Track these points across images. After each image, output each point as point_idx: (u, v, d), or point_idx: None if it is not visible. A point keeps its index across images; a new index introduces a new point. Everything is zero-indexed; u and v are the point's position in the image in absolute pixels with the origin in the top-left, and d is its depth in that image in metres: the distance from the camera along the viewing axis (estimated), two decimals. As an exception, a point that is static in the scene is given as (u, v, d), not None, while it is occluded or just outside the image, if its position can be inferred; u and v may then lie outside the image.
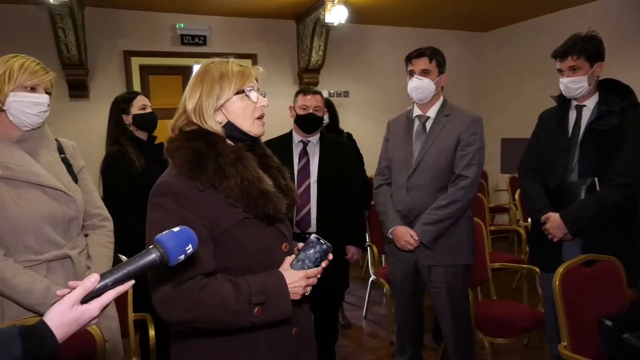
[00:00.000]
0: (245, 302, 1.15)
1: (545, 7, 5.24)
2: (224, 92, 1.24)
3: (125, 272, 0.86)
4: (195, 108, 1.24)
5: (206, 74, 1.26)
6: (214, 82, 1.24)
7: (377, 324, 3.74)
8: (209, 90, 1.24)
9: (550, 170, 2.27)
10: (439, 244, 2.28)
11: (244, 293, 1.16)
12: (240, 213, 1.21)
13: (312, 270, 1.25)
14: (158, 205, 1.18)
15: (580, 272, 1.99)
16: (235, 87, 1.24)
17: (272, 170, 1.35)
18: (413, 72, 2.33)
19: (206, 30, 5.13)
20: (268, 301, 1.18)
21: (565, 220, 2.16)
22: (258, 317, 1.17)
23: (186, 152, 1.20)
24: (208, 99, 1.24)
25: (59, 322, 0.81)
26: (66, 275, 1.55)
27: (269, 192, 1.24)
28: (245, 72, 1.27)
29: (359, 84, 5.87)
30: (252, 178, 1.22)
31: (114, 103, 2.48)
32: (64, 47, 4.34)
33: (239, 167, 1.21)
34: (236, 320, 1.17)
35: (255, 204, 1.21)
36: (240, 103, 1.26)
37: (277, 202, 1.25)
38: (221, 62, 1.28)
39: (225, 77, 1.24)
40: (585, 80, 2.15)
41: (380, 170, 2.55)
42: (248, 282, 1.18)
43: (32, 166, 1.52)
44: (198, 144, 1.21)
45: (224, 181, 1.19)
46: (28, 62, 1.52)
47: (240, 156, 1.24)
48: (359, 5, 4.87)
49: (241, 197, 1.19)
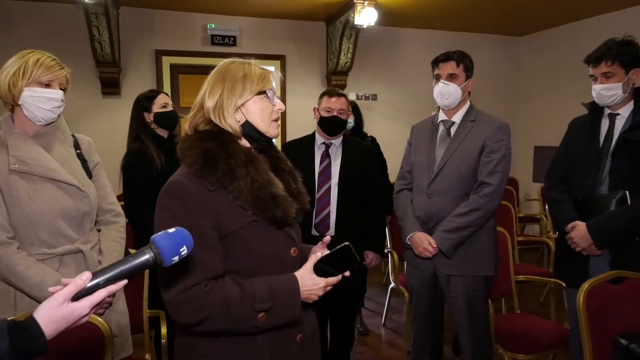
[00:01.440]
0: (249, 309, 1.15)
1: (585, 11, 5.05)
2: (245, 92, 1.25)
3: (117, 272, 0.85)
4: (215, 106, 1.25)
5: (228, 73, 1.26)
6: (236, 81, 1.25)
7: (396, 332, 3.68)
8: (231, 89, 1.24)
9: (578, 181, 2.17)
10: (459, 253, 2.22)
11: (249, 299, 1.15)
12: (249, 215, 1.20)
13: (333, 278, 1.24)
14: (166, 206, 1.19)
15: (608, 289, 1.89)
16: (258, 87, 1.25)
17: (284, 173, 1.34)
18: (439, 77, 2.28)
19: (236, 31, 5.19)
20: (274, 307, 1.17)
21: (590, 229, 2.06)
22: (263, 322, 1.17)
23: (197, 152, 1.20)
24: (230, 97, 1.24)
25: (49, 318, 0.81)
26: (78, 269, 1.57)
27: (279, 196, 1.23)
28: (266, 75, 1.29)
29: (387, 88, 5.81)
30: (262, 180, 1.21)
31: (136, 101, 2.52)
32: (98, 46, 4.47)
33: (249, 169, 1.21)
34: (240, 326, 1.17)
35: (264, 207, 1.20)
36: (260, 103, 1.26)
37: (286, 206, 1.24)
38: (243, 63, 1.29)
39: (248, 78, 1.26)
40: (620, 87, 2.05)
41: (401, 174, 2.50)
42: (255, 288, 1.17)
43: (48, 161, 1.55)
44: (210, 144, 1.21)
45: (234, 182, 1.18)
46: (44, 57, 1.55)
47: (252, 158, 1.24)
48: (389, 7, 4.82)
49: (250, 199, 1.19)
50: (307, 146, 2.61)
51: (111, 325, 1.59)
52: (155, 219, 1.20)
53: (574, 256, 2.16)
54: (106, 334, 1.56)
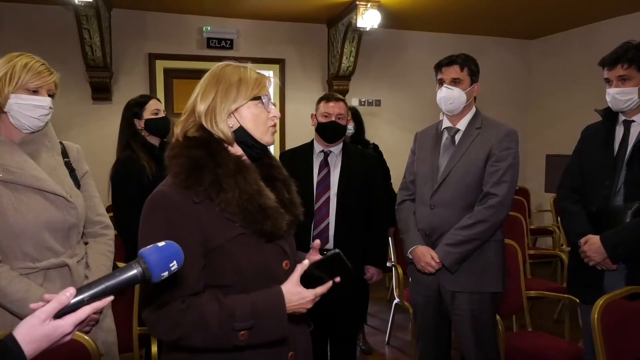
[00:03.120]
0: (227, 328, 1.15)
1: (600, 13, 5.06)
2: (240, 97, 1.25)
3: (103, 287, 0.85)
4: (207, 110, 1.25)
5: (222, 77, 1.27)
6: (231, 85, 1.25)
7: (401, 350, 3.66)
8: (225, 93, 1.25)
9: (592, 192, 2.17)
10: (464, 268, 2.20)
11: (228, 317, 1.15)
12: (236, 228, 1.20)
13: (321, 288, 1.22)
14: (149, 218, 1.19)
15: (624, 306, 1.88)
16: (253, 92, 1.26)
17: (277, 182, 1.34)
18: (443, 81, 2.29)
19: (233, 34, 5.22)
20: (257, 325, 1.16)
21: (605, 243, 2.05)
22: (244, 341, 1.17)
23: (182, 161, 1.20)
24: (223, 101, 1.25)
25: (29, 337, 0.81)
26: (63, 284, 1.56)
27: (269, 207, 1.23)
28: (262, 81, 1.29)
29: (391, 93, 5.82)
30: (252, 192, 1.21)
31: (126, 107, 2.53)
32: (88, 49, 4.50)
33: (238, 179, 1.21)
34: (220, 343, 1.17)
35: (252, 219, 1.20)
36: (254, 109, 1.27)
37: (277, 218, 1.23)
38: (238, 66, 1.30)
39: (243, 82, 1.26)
40: (636, 92, 2.06)
41: (404, 184, 2.50)
42: (235, 305, 1.16)
43: (34, 170, 1.55)
44: (197, 153, 1.21)
45: (221, 193, 1.18)
46: (32, 62, 1.55)
47: (241, 167, 1.23)
48: (393, 9, 4.85)
49: (238, 211, 1.19)
50: (305, 155, 2.61)
51: (98, 344, 1.58)
52: (139, 232, 1.20)
53: (587, 271, 2.15)
54: (92, 352, 1.55)
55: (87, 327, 1.62)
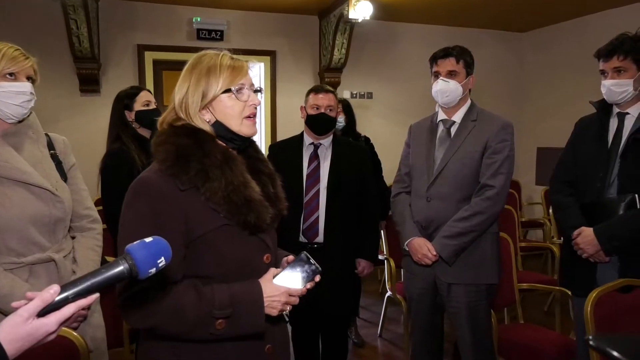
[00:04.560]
0: (205, 315, 1.14)
1: (592, 5, 5.07)
2: (210, 89, 1.22)
3: (88, 285, 0.82)
4: (181, 103, 1.24)
5: (195, 67, 1.25)
6: (200, 77, 1.23)
7: (393, 343, 3.65)
8: (195, 86, 1.23)
9: (586, 184, 2.16)
10: (460, 260, 2.19)
11: (206, 305, 1.14)
12: (220, 218, 1.19)
13: (296, 289, 1.23)
14: (132, 204, 1.18)
15: (617, 299, 1.88)
16: (224, 84, 1.22)
17: (263, 176, 1.33)
18: (438, 74, 2.26)
19: (224, 25, 5.15)
20: (235, 314, 1.16)
21: (599, 235, 2.05)
22: (221, 330, 1.16)
23: (169, 148, 1.18)
24: (194, 95, 1.22)
25: (11, 336, 0.77)
26: (50, 279, 1.52)
27: (254, 200, 1.22)
28: (236, 67, 1.25)
29: (384, 85, 5.79)
30: (237, 183, 1.20)
31: (116, 99, 2.48)
32: (76, 40, 4.41)
33: (225, 170, 1.19)
34: (196, 332, 1.16)
35: (237, 210, 1.19)
36: (228, 101, 1.24)
37: (261, 211, 1.22)
38: (212, 55, 1.26)
39: (212, 72, 1.22)
40: (631, 84, 2.05)
41: (399, 177, 2.48)
42: (214, 293, 1.16)
43: (19, 163, 1.50)
44: (185, 141, 1.19)
45: (207, 183, 1.17)
46: (5, 48, 1.49)
47: (228, 158, 1.22)
48: (386, 1, 4.81)
49: (223, 202, 1.18)
50: (295, 147, 2.58)
51: (86, 340, 1.54)
52: (121, 218, 1.19)
53: (580, 263, 2.15)
54: (81, 349, 1.52)
55: (75, 324, 1.58)
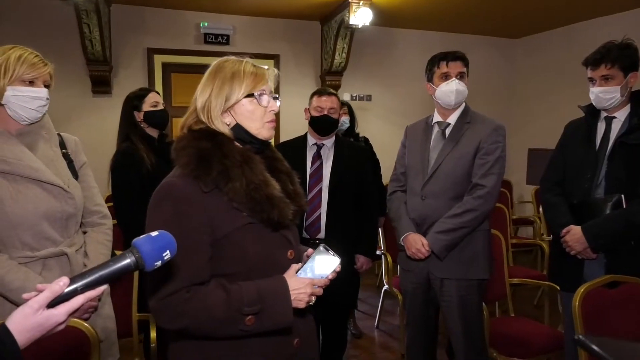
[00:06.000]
0: (235, 312, 1.12)
1: (581, 14, 5.05)
2: (233, 93, 1.21)
3: (96, 277, 0.82)
4: (204, 107, 1.23)
5: (219, 72, 1.23)
6: (224, 82, 1.21)
7: (390, 335, 3.65)
8: (219, 90, 1.21)
9: (574, 185, 2.15)
10: (453, 256, 2.19)
11: (235, 302, 1.13)
12: (244, 217, 1.18)
13: (319, 279, 1.21)
14: (157, 209, 1.16)
15: (603, 294, 1.88)
16: (246, 89, 1.21)
17: (281, 174, 1.31)
18: (449, 75, 2.22)
19: (230, 30, 5.15)
20: (264, 310, 1.14)
21: (586, 233, 2.04)
22: (251, 326, 1.14)
23: (191, 152, 1.17)
24: (217, 98, 1.21)
25: (22, 326, 0.77)
26: (62, 272, 1.52)
27: (275, 197, 1.20)
28: (258, 74, 1.24)
29: (382, 88, 5.78)
30: (258, 182, 1.19)
31: (126, 100, 2.48)
32: (88, 43, 4.41)
33: (245, 170, 1.18)
34: (226, 330, 1.14)
35: (260, 208, 1.17)
36: (249, 106, 1.23)
37: (283, 208, 1.21)
38: (235, 61, 1.25)
39: (236, 78, 1.21)
40: (618, 90, 2.04)
41: (395, 176, 2.47)
42: (242, 290, 1.14)
43: (32, 161, 1.50)
44: (204, 144, 1.18)
45: (229, 183, 1.16)
46: (26, 53, 1.49)
47: (248, 158, 1.21)
48: (385, 8, 4.80)
49: (246, 200, 1.16)
50: (299, 147, 2.57)
51: (97, 330, 1.54)
52: (147, 223, 1.16)
53: (568, 260, 2.15)
54: (92, 339, 1.52)
55: (87, 315, 1.58)
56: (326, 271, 1.22)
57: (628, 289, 1.91)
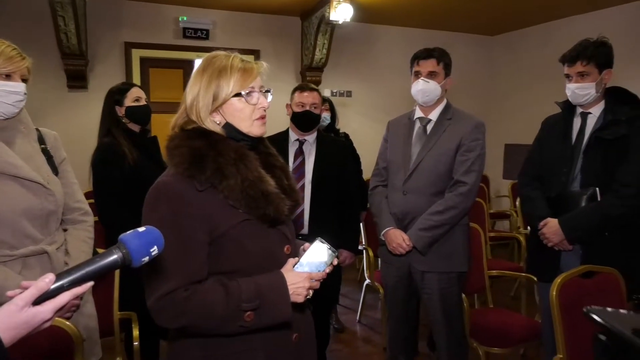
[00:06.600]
0: (234, 309, 1.12)
1: (556, 12, 5.16)
2: (221, 92, 1.19)
3: (83, 273, 0.80)
4: (192, 106, 1.21)
5: (207, 69, 1.21)
6: (211, 79, 1.19)
7: (372, 328, 3.68)
8: (207, 88, 1.19)
9: (551, 179, 2.20)
10: (434, 250, 2.22)
11: (234, 299, 1.12)
12: (240, 214, 1.17)
13: (316, 273, 1.21)
14: (153, 209, 1.15)
15: (579, 283, 1.93)
16: (235, 88, 1.19)
17: (276, 169, 1.30)
18: (419, 74, 2.26)
19: (209, 24, 5.08)
20: (263, 305, 1.14)
21: (563, 226, 2.10)
22: (250, 322, 1.14)
23: (184, 151, 1.16)
24: (205, 97, 1.20)
25: (7, 324, 0.76)
26: (43, 271, 1.48)
27: (271, 193, 1.19)
28: (246, 69, 1.21)
29: (362, 84, 5.80)
30: (253, 178, 1.18)
31: (108, 94, 2.43)
32: (63, 36, 4.29)
33: (240, 167, 1.17)
34: (226, 326, 1.14)
35: (256, 205, 1.17)
36: (238, 104, 1.21)
37: (279, 204, 1.20)
38: (223, 57, 1.22)
39: (223, 75, 1.19)
40: (593, 87, 2.09)
41: (377, 171, 2.49)
42: (241, 287, 1.14)
43: (10, 157, 1.46)
44: (198, 143, 1.17)
45: (224, 181, 1.14)
46: (3, 46, 1.45)
47: (242, 155, 1.20)
48: (365, 4, 4.81)
49: (241, 197, 1.15)
50: (280, 143, 2.55)
51: (79, 329, 1.52)
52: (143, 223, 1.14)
53: (546, 251, 2.20)
54: (75, 338, 1.49)
55: (69, 313, 1.55)
56: (323, 265, 1.22)
57: (603, 279, 1.97)
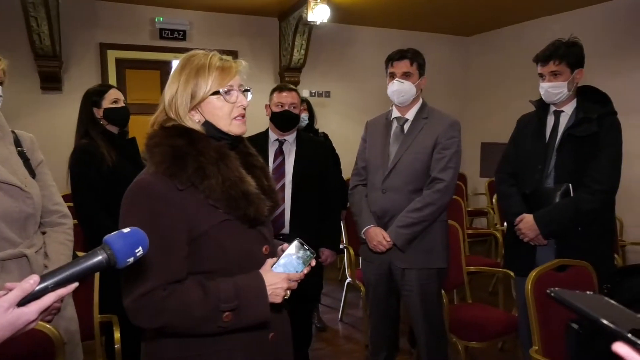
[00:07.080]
0: (212, 309, 1.12)
1: (529, 13, 5.28)
2: (199, 90, 1.19)
3: (68, 274, 0.80)
4: (171, 104, 1.20)
5: (185, 67, 1.21)
6: (189, 78, 1.19)
7: (353, 326, 3.71)
8: (185, 86, 1.19)
9: (527, 176, 2.27)
10: (413, 246, 2.26)
11: (212, 299, 1.12)
12: (220, 214, 1.17)
13: (294, 274, 1.22)
14: (131, 208, 1.14)
15: (553, 277, 1.99)
16: (213, 86, 1.19)
17: (256, 170, 1.30)
18: (394, 75, 2.30)
19: (186, 25, 5.04)
20: (241, 306, 1.14)
21: (538, 221, 2.16)
22: (229, 323, 1.14)
23: (165, 150, 1.15)
24: (182, 95, 1.19)
25: None
26: (22, 275, 1.46)
27: (252, 194, 1.20)
28: (225, 67, 1.21)
29: (340, 85, 5.83)
30: (234, 178, 1.18)
31: (85, 95, 2.40)
32: (36, 37, 4.20)
33: (220, 167, 1.17)
34: (204, 327, 1.14)
35: (236, 205, 1.17)
36: (217, 103, 1.21)
37: (259, 204, 1.21)
38: (201, 56, 1.22)
39: (201, 73, 1.19)
40: (566, 85, 2.16)
41: (356, 170, 2.52)
42: (219, 287, 1.14)
43: None
44: (179, 142, 1.16)
45: (205, 180, 1.14)
46: None
47: (223, 155, 1.19)
48: (342, 5, 4.84)
49: (222, 197, 1.15)
50: (260, 143, 2.57)
51: (60, 332, 1.50)
52: (121, 222, 1.13)
53: (522, 247, 2.26)
54: (56, 341, 1.47)
55: (50, 317, 1.53)
56: (301, 266, 1.23)
57: (575, 272, 2.04)
